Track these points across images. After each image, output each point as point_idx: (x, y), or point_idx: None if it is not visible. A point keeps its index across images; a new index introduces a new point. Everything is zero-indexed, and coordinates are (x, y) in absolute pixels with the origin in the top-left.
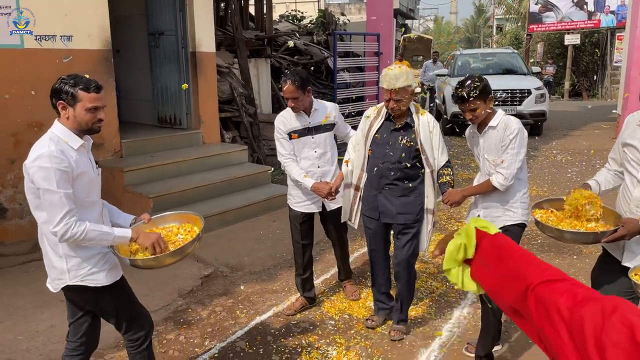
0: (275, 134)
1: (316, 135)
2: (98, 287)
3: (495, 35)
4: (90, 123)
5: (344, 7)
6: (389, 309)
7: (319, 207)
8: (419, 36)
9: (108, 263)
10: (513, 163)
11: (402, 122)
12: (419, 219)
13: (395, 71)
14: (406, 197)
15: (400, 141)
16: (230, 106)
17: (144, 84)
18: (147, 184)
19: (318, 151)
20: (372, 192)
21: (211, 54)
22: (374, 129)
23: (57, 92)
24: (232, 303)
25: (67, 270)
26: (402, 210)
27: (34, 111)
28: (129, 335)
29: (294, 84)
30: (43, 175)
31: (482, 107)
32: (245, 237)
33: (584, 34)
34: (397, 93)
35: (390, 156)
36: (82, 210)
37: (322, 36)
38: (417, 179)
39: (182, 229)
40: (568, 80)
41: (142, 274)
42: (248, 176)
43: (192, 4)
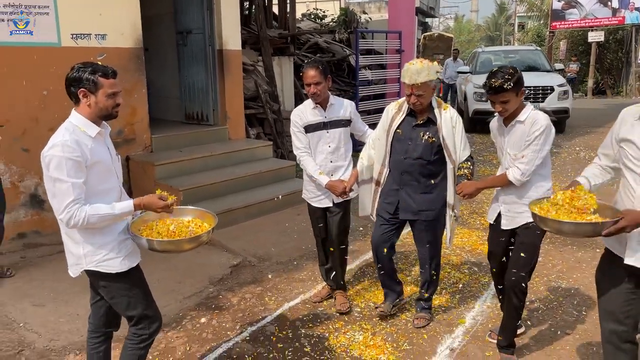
0: (292, 127)
1: (331, 130)
2: (112, 273)
3: (517, 33)
4: (111, 108)
5: (364, 6)
6: (397, 293)
7: (331, 200)
8: (439, 34)
9: (124, 250)
10: (533, 160)
11: (424, 117)
12: (440, 215)
13: (417, 66)
14: (429, 194)
15: (422, 137)
16: (255, 103)
17: (171, 81)
18: (176, 178)
19: (332, 146)
20: (394, 186)
21: (237, 52)
22: (395, 124)
23: (77, 80)
24: (260, 290)
25: (84, 255)
26: (424, 207)
27: (69, 106)
28: (134, 329)
29: (317, 68)
30: (55, 164)
31: (513, 100)
32: (271, 230)
33: (608, 31)
34: (418, 88)
35: (412, 152)
36: (96, 197)
37: (344, 34)
38: (439, 175)
39: (193, 223)
40: (591, 78)
41: (174, 262)
42: (272, 171)
43: (219, 3)
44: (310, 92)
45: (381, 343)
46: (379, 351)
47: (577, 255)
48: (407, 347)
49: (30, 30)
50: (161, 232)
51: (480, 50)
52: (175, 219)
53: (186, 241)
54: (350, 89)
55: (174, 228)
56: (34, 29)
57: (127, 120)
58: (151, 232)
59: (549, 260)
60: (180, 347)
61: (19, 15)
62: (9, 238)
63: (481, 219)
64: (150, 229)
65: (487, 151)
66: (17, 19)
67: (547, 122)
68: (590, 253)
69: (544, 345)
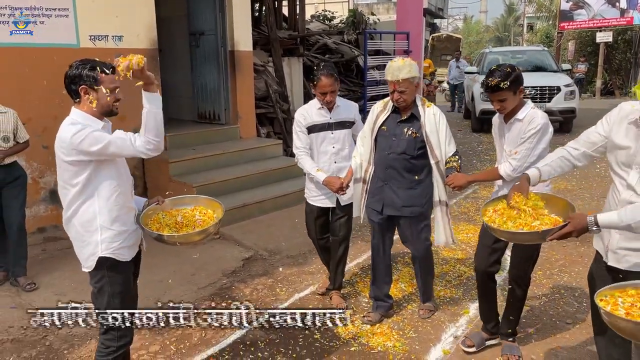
0: (294, 126)
1: (335, 132)
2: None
3: (526, 34)
4: (112, 103)
5: (373, 7)
6: (388, 306)
7: (333, 202)
8: (448, 35)
9: (133, 239)
10: (526, 157)
11: (408, 113)
12: (425, 211)
13: (398, 63)
14: (413, 190)
15: (405, 132)
16: (266, 103)
17: (184, 81)
18: (190, 175)
19: (336, 147)
20: (379, 183)
21: (248, 53)
22: (380, 121)
23: (78, 77)
24: (272, 282)
25: (101, 241)
26: (408, 203)
27: None
28: (103, 338)
29: (332, 76)
30: (89, 142)
31: (511, 98)
32: (281, 225)
33: (616, 32)
34: (400, 84)
35: (396, 147)
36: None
37: (352, 35)
38: (423, 171)
39: (197, 211)
40: (600, 79)
41: (188, 255)
42: (283, 168)
43: (232, 5)
44: (326, 100)
45: (388, 331)
46: (386, 338)
47: (579, 250)
48: (412, 335)
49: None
50: (169, 224)
51: (487, 50)
52: (180, 210)
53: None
54: (358, 89)
55: (181, 219)
56: (53, 31)
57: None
58: (160, 226)
59: (552, 254)
60: (195, 334)
61: (40, 17)
62: (30, 232)
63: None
64: (158, 223)
65: (494, 150)
66: (38, 21)
67: (544, 121)
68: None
69: (545, 333)
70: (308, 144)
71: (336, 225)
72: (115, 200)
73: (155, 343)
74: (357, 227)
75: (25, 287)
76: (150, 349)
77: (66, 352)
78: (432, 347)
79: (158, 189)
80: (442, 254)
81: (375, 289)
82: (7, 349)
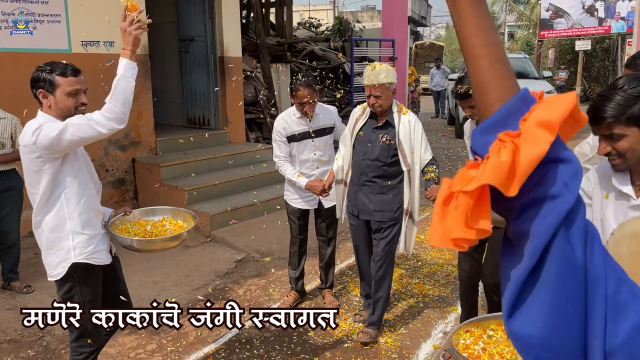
0: (274, 135)
1: (316, 139)
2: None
3: (507, 42)
4: (73, 108)
5: (357, 15)
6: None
7: (315, 204)
8: (431, 43)
9: (104, 243)
10: None
11: (384, 120)
12: (396, 218)
13: (376, 68)
14: (384, 195)
15: (380, 139)
16: (255, 108)
17: (173, 87)
18: (181, 179)
19: (317, 154)
20: (354, 188)
21: (238, 59)
22: (358, 126)
23: (36, 80)
24: (265, 283)
25: (73, 247)
26: (378, 208)
27: None
28: (74, 345)
29: (311, 87)
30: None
31: None
32: (272, 227)
33: (594, 40)
34: (376, 89)
35: (370, 153)
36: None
37: (338, 42)
38: (397, 177)
39: (167, 221)
40: (579, 86)
41: (181, 258)
42: (273, 172)
43: (221, 12)
44: (305, 110)
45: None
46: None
47: None
48: (403, 331)
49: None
50: (138, 233)
51: None
52: (149, 220)
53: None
54: (345, 95)
55: (150, 228)
56: (46, 36)
57: (133, 123)
58: (129, 235)
59: None
60: (192, 333)
61: (33, 23)
62: (22, 235)
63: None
64: (127, 232)
65: None
66: (30, 27)
67: None
68: None
69: None
70: (288, 152)
71: (322, 228)
72: (85, 203)
73: (152, 342)
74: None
75: (22, 290)
76: (147, 348)
77: (63, 352)
78: (422, 342)
79: (149, 193)
80: (431, 254)
81: (364, 287)
82: (5, 349)
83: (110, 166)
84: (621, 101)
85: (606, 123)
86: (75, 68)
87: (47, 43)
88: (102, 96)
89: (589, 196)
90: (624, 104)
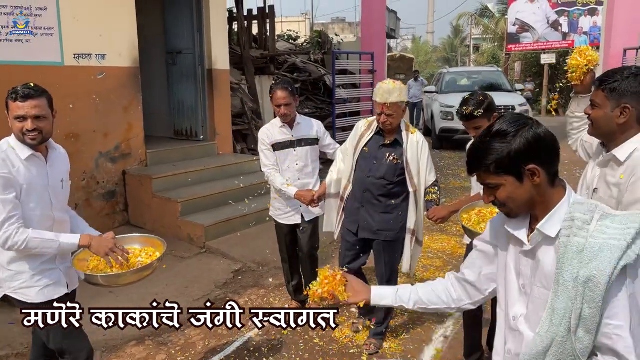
0: (260, 145)
1: (298, 149)
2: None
3: (473, 54)
4: (19, 133)
5: (328, 27)
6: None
7: (298, 219)
8: (401, 55)
9: (45, 280)
10: None
11: (392, 138)
12: (399, 237)
13: (389, 86)
14: (388, 214)
15: (387, 157)
16: (241, 120)
17: (159, 99)
18: (173, 190)
19: (299, 164)
20: (355, 204)
21: (226, 72)
22: (363, 141)
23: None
24: (264, 292)
25: (3, 279)
26: (382, 227)
27: (71, 123)
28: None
29: (286, 90)
30: None
31: (485, 125)
32: (266, 237)
33: (559, 54)
34: (389, 108)
35: (376, 171)
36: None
37: (318, 55)
38: (401, 196)
39: (144, 252)
40: (545, 97)
41: (178, 269)
42: (263, 183)
43: (209, 25)
44: (281, 113)
45: None
46: None
47: None
48: (406, 337)
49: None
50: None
51: (445, 71)
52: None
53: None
54: (326, 106)
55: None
56: (40, 49)
57: (124, 135)
58: (99, 264)
59: None
60: (199, 343)
61: (27, 36)
62: None
63: (457, 227)
64: (98, 260)
65: (456, 166)
66: (24, 40)
67: None
68: None
69: None
70: (275, 161)
71: (303, 240)
72: None
73: (161, 352)
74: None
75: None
76: (157, 358)
77: None
78: (425, 346)
79: (140, 205)
80: (422, 262)
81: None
82: None
83: (101, 178)
84: (490, 151)
85: (479, 174)
86: (26, 93)
87: (40, 56)
88: (93, 108)
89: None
90: (493, 153)
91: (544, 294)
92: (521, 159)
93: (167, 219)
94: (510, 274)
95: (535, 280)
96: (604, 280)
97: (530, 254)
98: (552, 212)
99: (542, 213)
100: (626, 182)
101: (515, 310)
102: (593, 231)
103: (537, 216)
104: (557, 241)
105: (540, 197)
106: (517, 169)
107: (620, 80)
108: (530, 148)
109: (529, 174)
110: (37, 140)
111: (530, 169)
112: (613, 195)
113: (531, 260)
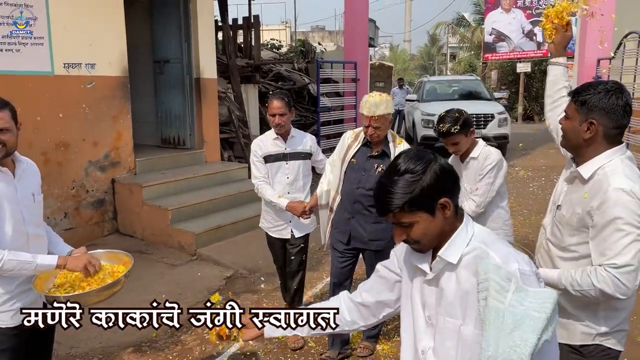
0: (251, 157)
1: (290, 162)
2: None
3: (450, 62)
4: None
5: (308, 35)
6: (342, 342)
7: (287, 233)
8: (380, 63)
9: (21, 303)
10: (487, 192)
11: (379, 149)
12: (390, 246)
13: (376, 99)
14: (379, 224)
15: (375, 168)
16: (228, 128)
17: (146, 107)
18: (163, 198)
19: (290, 177)
20: (345, 215)
21: (213, 80)
22: (351, 152)
23: None
24: (257, 298)
25: None
26: (374, 237)
27: (61, 132)
28: None
29: (283, 100)
30: None
31: (463, 140)
32: (257, 244)
33: (534, 63)
34: (376, 120)
35: (365, 183)
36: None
37: (302, 64)
38: None
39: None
40: (521, 105)
41: (171, 276)
42: (251, 191)
43: (197, 35)
44: (275, 123)
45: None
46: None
47: None
48: (398, 339)
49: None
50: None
51: (426, 79)
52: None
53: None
54: (310, 114)
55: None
56: (30, 59)
57: (113, 144)
58: (65, 280)
59: None
60: (196, 348)
61: (17, 46)
62: None
63: None
64: (64, 277)
65: None
66: (14, 49)
67: (499, 156)
68: None
69: None
70: (266, 173)
71: (291, 257)
72: None
73: (158, 358)
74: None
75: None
76: None
77: None
78: None
79: (129, 213)
80: None
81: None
82: None
83: (90, 187)
84: (400, 189)
85: (392, 214)
86: None
87: (30, 65)
88: (82, 117)
89: (396, 272)
90: (403, 191)
91: (450, 322)
92: (433, 194)
93: (157, 226)
94: (417, 306)
95: (440, 309)
96: (528, 350)
97: (434, 282)
98: (452, 238)
99: (445, 242)
100: (589, 202)
101: (424, 344)
102: (511, 300)
103: (440, 245)
104: (458, 268)
105: (448, 228)
106: (431, 204)
107: (592, 94)
108: (440, 181)
109: (440, 207)
110: (1, 154)
111: (442, 202)
112: (575, 213)
113: (435, 289)
